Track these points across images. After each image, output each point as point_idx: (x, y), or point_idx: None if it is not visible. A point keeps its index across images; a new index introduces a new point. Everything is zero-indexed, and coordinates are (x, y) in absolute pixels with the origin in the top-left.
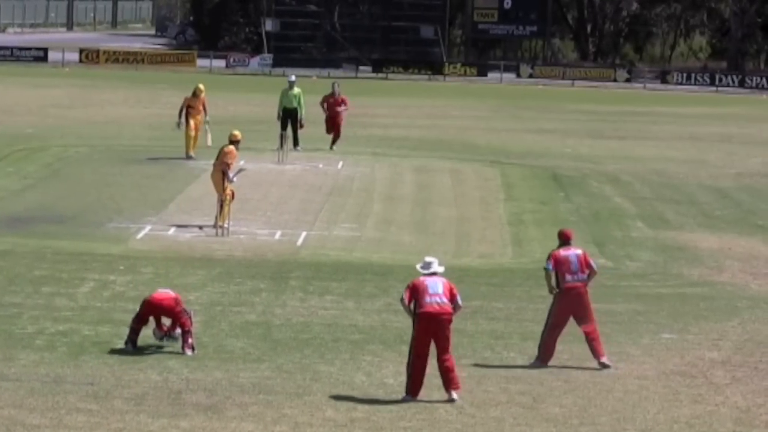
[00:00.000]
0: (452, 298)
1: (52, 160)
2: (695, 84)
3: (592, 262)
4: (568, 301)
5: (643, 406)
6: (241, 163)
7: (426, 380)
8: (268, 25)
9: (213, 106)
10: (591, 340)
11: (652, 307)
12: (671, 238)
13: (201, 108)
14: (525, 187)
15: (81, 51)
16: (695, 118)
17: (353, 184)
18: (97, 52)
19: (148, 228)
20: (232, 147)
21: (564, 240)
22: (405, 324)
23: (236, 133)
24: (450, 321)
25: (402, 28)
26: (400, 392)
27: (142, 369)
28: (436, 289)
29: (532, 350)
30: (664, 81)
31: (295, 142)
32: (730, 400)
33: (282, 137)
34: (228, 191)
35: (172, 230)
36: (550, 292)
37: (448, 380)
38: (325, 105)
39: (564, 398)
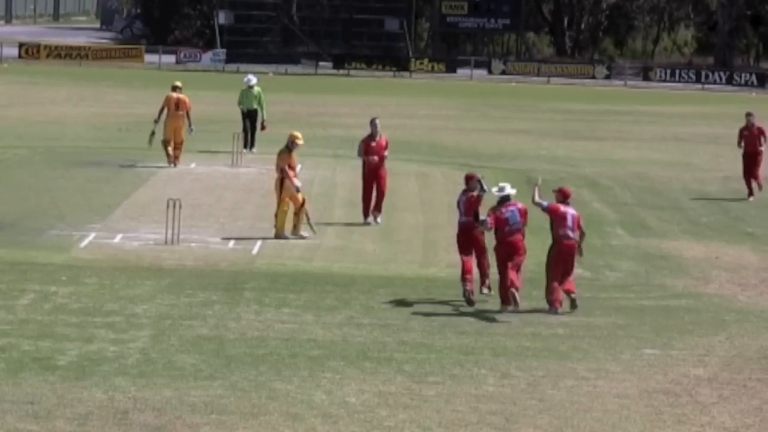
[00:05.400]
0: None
1: None
2: (680, 81)
3: (582, 225)
4: (560, 252)
5: (624, 427)
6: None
7: (388, 400)
8: (221, 17)
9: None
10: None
11: (634, 321)
12: (654, 247)
13: (168, 107)
14: None
15: (20, 45)
16: (680, 117)
17: (313, 189)
18: (38, 46)
19: (92, 235)
20: (288, 153)
21: (563, 197)
22: (367, 339)
23: (297, 134)
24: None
25: (365, 21)
26: (363, 411)
27: (86, 387)
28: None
29: (505, 367)
30: (646, 78)
31: (252, 144)
32: (716, 420)
33: (246, 136)
34: (300, 198)
35: (118, 237)
36: (533, 200)
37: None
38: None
39: (539, 418)
